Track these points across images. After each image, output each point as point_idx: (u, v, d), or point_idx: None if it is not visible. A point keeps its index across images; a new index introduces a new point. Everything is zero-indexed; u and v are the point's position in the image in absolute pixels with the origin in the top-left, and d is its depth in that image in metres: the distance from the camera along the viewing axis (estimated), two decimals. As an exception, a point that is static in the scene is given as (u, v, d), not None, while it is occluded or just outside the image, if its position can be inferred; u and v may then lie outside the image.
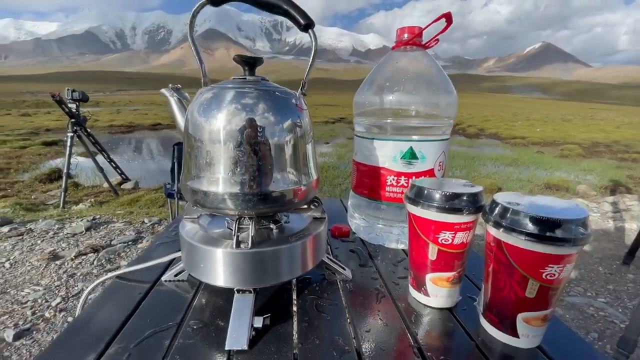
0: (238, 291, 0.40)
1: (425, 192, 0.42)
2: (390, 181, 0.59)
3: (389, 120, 0.59)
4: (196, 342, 0.38)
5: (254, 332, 0.38)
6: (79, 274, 1.83)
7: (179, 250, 0.48)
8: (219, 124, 0.39)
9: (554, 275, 0.34)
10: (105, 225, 2.61)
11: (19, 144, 7.60)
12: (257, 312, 0.39)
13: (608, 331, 1.43)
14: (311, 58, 0.45)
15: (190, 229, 0.46)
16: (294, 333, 0.39)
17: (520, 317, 0.36)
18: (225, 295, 0.45)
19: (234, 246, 0.39)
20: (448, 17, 0.56)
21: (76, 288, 1.69)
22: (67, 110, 3.51)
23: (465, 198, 0.40)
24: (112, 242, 2.25)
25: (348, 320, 0.42)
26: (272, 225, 0.46)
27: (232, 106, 0.39)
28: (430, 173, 0.59)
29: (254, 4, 0.42)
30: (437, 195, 0.41)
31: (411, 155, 0.57)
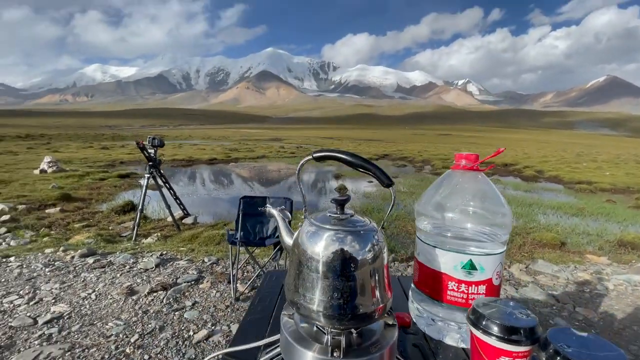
0: (330, 392, 0.50)
1: (485, 321, 0.50)
2: (452, 286, 0.67)
3: (449, 234, 0.68)
4: None
5: None
6: (151, 311, 2.06)
7: (271, 332, 0.61)
8: (319, 258, 0.52)
9: (608, 422, 0.39)
10: (171, 263, 2.90)
11: (99, 175, 8.77)
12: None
13: None
14: (389, 209, 0.57)
15: (286, 322, 0.58)
16: None
17: None
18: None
19: (328, 354, 0.50)
20: (502, 151, 0.67)
21: (150, 325, 1.91)
22: (147, 155, 4.08)
23: (522, 332, 0.48)
24: (177, 281, 2.49)
25: None
26: (353, 331, 0.56)
27: (328, 243, 0.52)
28: (488, 282, 0.66)
29: (347, 164, 0.56)
30: (496, 328, 0.48)
31: (471, 267, 0.66)
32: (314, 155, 0.58)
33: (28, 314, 1.99)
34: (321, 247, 0.52)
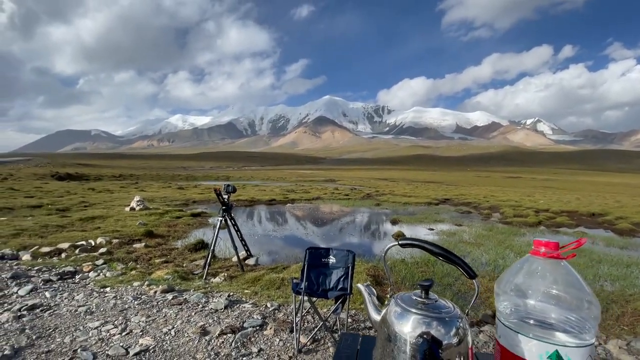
0: None
1: None
2: (538, 377, 0.67)
3: (531, 322, 0.69)
4: None
5: None
6: (222, 353, 2.20)
7: None
8: (407, 339, 0.59)
9: None
10: (238, 305, 3.08)
11: (175, 214, 9.82)
12: None
13: None
14: (473, 299, 0.63)
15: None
16: None
17: None
18: None
19: None
20: (583, 240, 0.69)
21: (221, 368, 2.03)
22: (222, 200, 4.54)
23: None
24: (244, 325, 2.63)
25: None
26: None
27: (413, 325, 0.59)
28: (579, 376, 0.65)
29: (432, 254, 0.64)
30: None
31: (557, 357, 0.65)
32: (400, 242, 0.67)
33: (121, 344, 2.27)
34: (409, 328, 0.59)
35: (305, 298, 2.37)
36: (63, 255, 5.18)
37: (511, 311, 0.74)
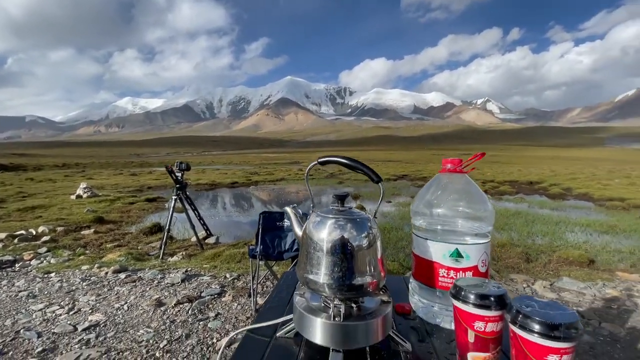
0: (333, 350, 0.61)
1: (463, 292, 0.59)
2: (442, 273, 0.77)
3: (438, 227, 0.79)
4: (306, 383, 0.59)
5: (343, 381, 0.57)
6: (178, 320, 2.19)
7: (286, 314, 0.72)
8: (323, 240, 0.64)
9: (557, 364, 0.48)
10: (196, 278, 3.05)
11: (128, 200, 9.27)
12: (345, 367, 0.59)
13: None
14: (379, 201, 0.70)
15: (299, 300, 0.70)
16: (370, 386, 0.58)
17: (536, 394, 0.50)
18: (322, 352, 0.66)
19: (331, 319, 0.61)
20: (482, 154, 0.79)
21: (177, 333, 2.03)
22: (174, 177, 4.37)
23: (492, 298, 0.57)
24: (202, 294, 2.63)
25: (408, 382, 0.59)
26: (353, 305, 0.67)
27: (330, 229, 0.65)
28: (474, 269, 0.75)
29: (346, 166, 0.69)
30: (472, 296, 0.58)
31: (458, 255, 0.75)
32: (319, 160, 0.72)
33: (69, 322, 2.18)
34: (325, 232, 0.65)
35: (263, 264, 2.41)
36: (0, 245, 4.72)
37: (424, 224, 0.83)
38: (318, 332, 0.62)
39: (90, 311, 2.34)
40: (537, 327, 0.49)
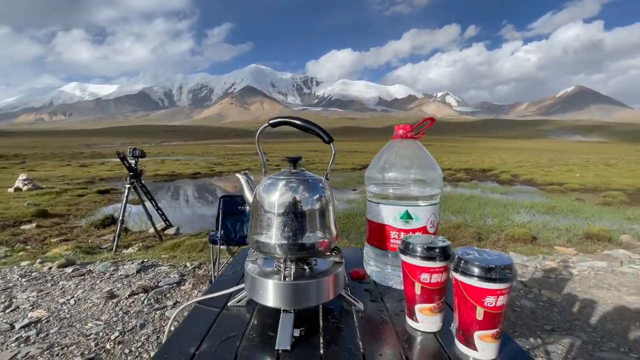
0: (284, 311, 0.60)
1: (411, 246, 0.61)
2: (393, 235, 0.79)
3: (390, 191, 0.80)
4: (256, 344, 0.57)
5: (294, 339, 0.57)
6: (132, 311, 2.07)
7: (239, 284, 0.70)
8: (274, 201, 0.62)
9: (492, 303, 0.51)
10: (153, 268, 2.90)
11: (77, 192, 8.56)
12: (296, 326, 0.58)
13: (643, 390, 1.38)
14: (331, 161, 0.69)
15: (251, 267, 0.67)
16: (321, 342, 0.58)
17: (476, 335, 0.53)
18: (273, 316, 0.65)
19: (282, 279, 0.60)
20: (432, 119, 0.81)
21: (130, 324, 1.92)
22: (127, 165, 4.08)
23: (437, 250, 0.59)
24: (159, 284, 2.50)
25: (358, 337, 0.60)
26: (305, 267, 0.66)
27: (282, 190, 0.63)
28: (423, 230, 0.77)
29: (295, 126, 0.67)
30: (418, 248, 0.60)
31: (407, 216, 0.77)
32: (270, 122, 0.69)
33: (4, 321, 1.97)
34: (277, 194, 0.63)
35: (225, 249, 2.34)
36: None
37: (376, 189, 0.84)
38: (269, 294, 0.61)
39: (30, 308, 2.14)
40: (475, 271, 0.51)
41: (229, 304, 0.71)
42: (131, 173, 4.08)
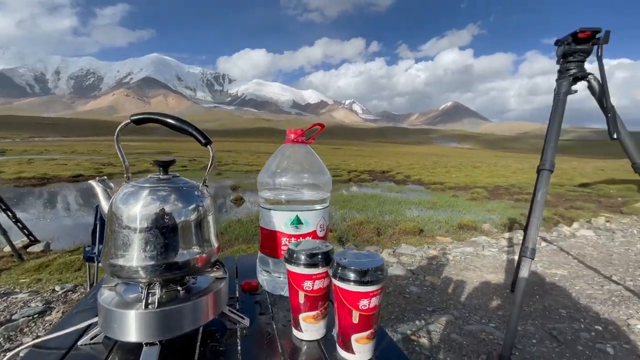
0: (146, 344, 0.51)
1: (295, 254, 0.59)
2: (284, 242, 0.77)
3: (282, 196, 0.78)
4: (107, 390, 0.47)
5: (158, 376, 0.48)
6: (-37, 359, 1.58)
7: (95, 317, 0.57)
8: (135, 214, 0.52)
9: (367, 305, 0.52)
10: (4, 298, 2.29)
11: None
12: (164, 359, 0.50)
13: (494, 352, 1.71)
14: (209, 166, 0.62)
15: (107, 296, 0.56)
16: (192, 373, 0.51)
17: (353, 338, 0.54)
18: (139, 351, 0.54)
19: (144, 307, 0.51)
20: (322, 125, 0.82)
21: (-41, 377, 1.46)
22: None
23: (320, 256, 0.59)
24: (12, 317, 1.98)
25: (239, 358, 0.55)
26: (179, 287, 0.58)
27: (145, 201, 0.53)
28: (313, 234, 0.78)
29: (167, 126, 0.59)
30: (302, 256, 0.58)
31: (298, 222, 0.76)
32: (132, 118, 0.59)
33: None
34: (139, 205, 0.53)
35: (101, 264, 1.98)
36: None
37: (269, 195, 0.81)
38: (129, 327, 0.51)
39: None
40: (351, 276, 0.52)
41: (79, 342, 0.58)
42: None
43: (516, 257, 3.43)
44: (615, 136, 1.63)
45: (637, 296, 2.45)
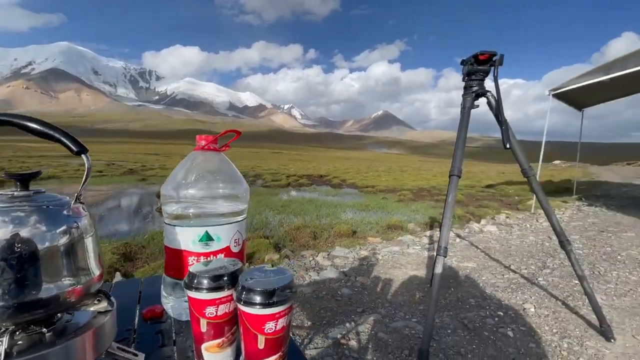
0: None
1: (196, 279, 0.53)
2: (192, 261, 0.69)
3: (190, 211, 0.70)
4: None
5: None
6: None
7: None
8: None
9: (273, 328, 0.49)
10: None
11: None
12: None
13: (416, 346, 1.83)
14: (84, 179, 0.51)
15: None
16: None
17: (260, 365, 0.50)
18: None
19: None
20: (238, 132, 0.76)
21: None
22: None
23: (225, 278, 0.53)
24: None
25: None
26: (44, 329, 0.47)
27: (-7, 224, 0.42)
28: (226, 250, 0.72)
29: (27, 131, 0.48)
30: (204, 281, 0.52)
31: (207, 238, 0.69)
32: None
33: None
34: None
35: None
36: None
37: (175, 208, 0.72)
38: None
39: None
40: (256, 299, 0.48)
41: None
42: None
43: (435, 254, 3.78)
44: (507, 146, 1.89)
45: (529, 282, 2.88)
